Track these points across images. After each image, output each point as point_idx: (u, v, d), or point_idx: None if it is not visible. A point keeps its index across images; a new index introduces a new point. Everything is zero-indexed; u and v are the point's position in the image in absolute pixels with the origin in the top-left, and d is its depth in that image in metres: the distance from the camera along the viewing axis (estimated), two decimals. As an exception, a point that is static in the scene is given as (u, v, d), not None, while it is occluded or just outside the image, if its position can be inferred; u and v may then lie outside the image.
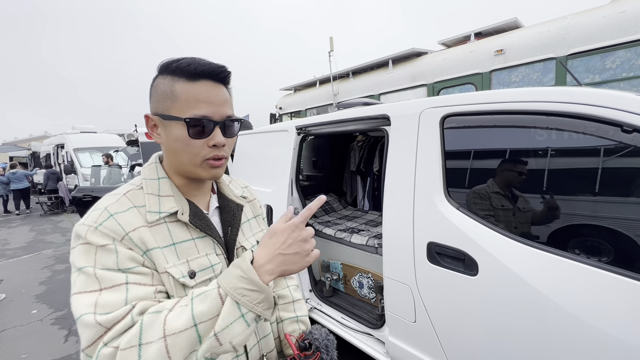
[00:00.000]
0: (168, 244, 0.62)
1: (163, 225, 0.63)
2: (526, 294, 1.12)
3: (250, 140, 2.79)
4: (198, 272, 0.63)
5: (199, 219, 0.67)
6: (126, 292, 0.54)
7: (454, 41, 4.99)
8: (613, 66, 3.22)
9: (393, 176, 1.58)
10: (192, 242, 0.66)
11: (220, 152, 0.66)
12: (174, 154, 0.65)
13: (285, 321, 0.87)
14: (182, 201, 0.67)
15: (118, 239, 0.57)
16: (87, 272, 0.54)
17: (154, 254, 0.59)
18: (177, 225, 0.65)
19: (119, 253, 0.56)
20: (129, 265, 0.56)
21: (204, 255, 0.66)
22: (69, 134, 10.90)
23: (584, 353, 1.03)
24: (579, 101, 1.06)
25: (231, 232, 0.74)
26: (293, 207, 0.66)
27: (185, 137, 0.62)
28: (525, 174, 1.26)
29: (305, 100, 7.13)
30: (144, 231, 0.60)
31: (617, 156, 1.04)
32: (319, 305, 2.30)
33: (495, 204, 1.30)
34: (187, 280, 0.61)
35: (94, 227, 0.57)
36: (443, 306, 1.39)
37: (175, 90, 0.62)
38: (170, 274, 0.59)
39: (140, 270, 0.57)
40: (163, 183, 0.67)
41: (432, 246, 1.39)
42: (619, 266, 0.99)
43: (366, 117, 1.82)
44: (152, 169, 0.69)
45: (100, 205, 0.61)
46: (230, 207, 0.77)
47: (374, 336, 1.89)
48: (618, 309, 0.97)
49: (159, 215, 0.63)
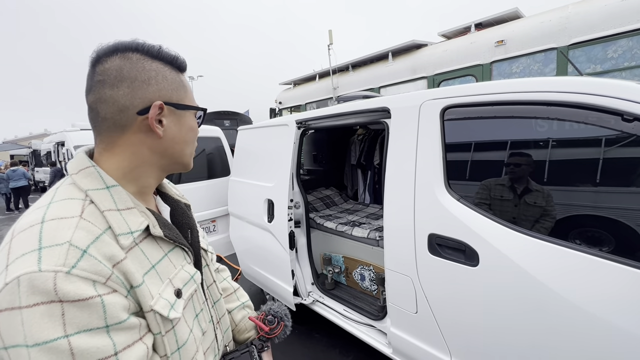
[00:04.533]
0: (148, 268, 0.52)
1: (136, 248, 0.52)
2: (526, 284, 1.13)
3: (251, 135, 2.79)
4: (183, 288, 0.58)
5: (169, 228, 0.59)
6: None
7: (454, 32, 4.95)
8: (615, 56, 3.19)
9: (394, 168, 1.58)
10: (167, 258, 0.57)
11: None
12: (184, 145, 0.61)
13: (234, 311, 0.87)
14: (145, 212, 0.57)
15: (102, 282, 0.44)
16: (57, 347, 0.39)
17: (140, 292, 0.49)
18: (148, 242, 0.55)
19: (107, 305, 0.43)
20: (122, 317, 0.45)
21: (180, 269, 0.59)
22: (69, 132, 10.88)
23: (583, 341, 1.04)
24: (580, 90, 1.05)
25: (192, 235, 0.68)
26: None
27: (196, 127, 0.64)
28: (525, 165, 1.26)
29: (304, 95, 7.10)
30: (126, 264, 0.48)
31: (618, 145, 1.04)
32: (321, 298, 2.32)
33: (495, 195, 1.30)
34: (175, 313, 0.53)
35: (65, 273, 0.41)
36: (444, 297, 1.40)
37: (182, 80, 0.61)
38: (157, 311, 0.50)
39: (130, 323, 0.47)
40: (116, 193, 0.53)
41: (433, 238, 1.40)
42: (620, 255, 0.99)
43: (366, 110, 1.82)
44: (92, 174, 0.52)
45: (56, 238, 0.43)
46: (180, 207, 0.70)
47: (376, 327, 1.91)
48: (618, 297, 0.97)
49: (132, 236, 0.51)
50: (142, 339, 0.49)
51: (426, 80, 4.75)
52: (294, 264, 2.31)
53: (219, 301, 0.74)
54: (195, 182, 3.21)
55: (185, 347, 0.56)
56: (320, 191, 3.32)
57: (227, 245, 3.19)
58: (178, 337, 0.54)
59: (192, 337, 0.58)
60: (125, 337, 0.45)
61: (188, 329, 0.57)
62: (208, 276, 0.72)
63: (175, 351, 0.54)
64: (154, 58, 0.56)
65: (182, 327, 0.56)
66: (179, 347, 0.54)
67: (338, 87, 6.09)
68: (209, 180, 3.33)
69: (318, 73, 6.86)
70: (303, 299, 2.32)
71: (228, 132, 3.57)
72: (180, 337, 0.55)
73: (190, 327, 0.58)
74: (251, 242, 2.69)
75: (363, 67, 5.90)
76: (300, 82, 7.54)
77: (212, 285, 0.73)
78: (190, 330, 0.58)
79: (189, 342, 0.57)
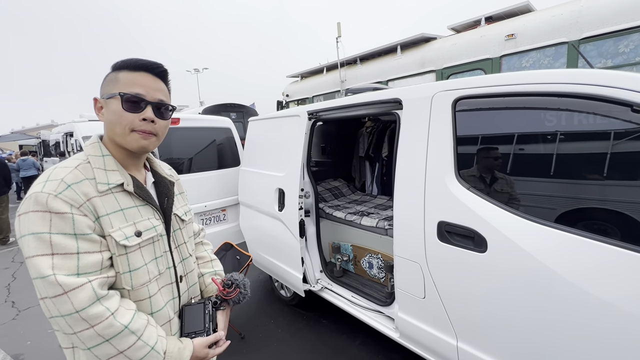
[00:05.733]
0: (116, 209, 0.76)
1: (111, 195, 0.76)
2: (534, 269, 1.17)
3: (262, 126, 2.84)
4: (144, 232, 0.79)
5: (141, 189, 0.83)
6: (77, 260, 0.67)
7: (464, 26, 4.92)
8: (626, 50, 3.17)
9: (405, 158, 1.62)
10: (136, 209, 0.80)
11: (149, 127, 0.79)
12: (111, 126, 0.78)
13: (206, 275, 1.07)
14: (126, 175, 0.80)
15: (76, 206, 0.68)
16: (42, 238, 0.65)
17: (103, 221, 0.72)
18: (123, 194, 0.79)
19: (76, 221, 0.68)
20: (85, 232, 0.69)
21: (147, 219, 0.82)
22: (78, 122, 10.99)
23: (591, 326, 1.08)
24: (590, 82, 1.08)
25: (167, 202, 0.91)
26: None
27: (119, 110, 0.76)
28: (536, 156, 1.30)
29: (312, 88, 7.11)
30: (96, 200, 0.72)
31: (628, 136, 1.07)
32: (329, 285, 2.39)
33: (508, 185, 1.34)
34: (127, 242, 0.75)
35: (54, 195, 0.66)
36: (452, 282, 1.45)
37: (118, 77, 0.78)
38: (113, 237, 0.73)
39: (91, 238, 0.70)
40: (107, 159, 0.79)
41: (442, 225, 1.44)
42: (630, 242, 1.01)
43: (378, 101, 1.85)
44: (96, 147, 0.80)
45: (56, 176, 0.70)
46: (164, 182, 0.94)
47: (384, 313, 1.97)
48: (627, 283, 1.00)
49: (108, 186, 0.75)
50: (102, 252, 0.72)
51: (435, 74, 4.74)
52: (304, 251, 2.37)
53: (187, 259, 0.95)
54: (205, 171, 3.27)
55: (137, 272, 0.77)
56: (329, 182, 3.37)
57: (237, 233, 3.26)
58: (130, 262, 0.76)
59: (145, 269, 0.79)
60: (87, 245, 0.69)
61: (142, 261, 0.79)
62: (179, 237, 0.94)
63: (127, 272, 0.76)
64: (114, 70, 0.80)
65: (136, 257, 0.77)
66: (130, 270, 0.76)
67: (346, 80, 6.10)
68: (220, 170, 3.39)
69: (325, 66, 6.86)
70: (312, 286, 2.39)
71: (234, 124, 3.61)
72: (132, 264, 0.76)
73: (146, 261, 0.79)
74: (261, 231, 2.76)
75: (371, 60, 5.90)
76: (308, 75, 7.55)
77: (182, 245, 0.94)
78: (145, 264, 0.79)
79: (141, 271, 0.78)
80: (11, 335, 2.74)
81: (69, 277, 0.65)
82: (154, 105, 0.80)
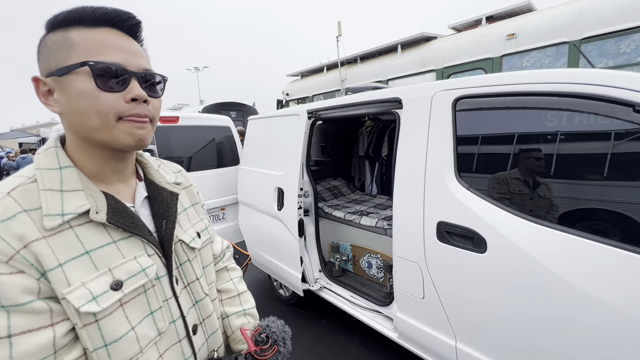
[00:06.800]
0: (78, 254, 0.49)
1: (68, 231, 0.49)
2: (533, 270, 1.17)
3: (261, 124, 2.83)
4: (126, 281, 0.52)
5: (121, 215, 0.54)
6: (9, 347, 0.42)
7: (465, 25, 4.91)
8: (628, 50, 3.16)
9: (405, 157, 1.61)
10: (114, 246, 0.53)
11: (143, 110, 0.54)
12: (80, 117, 0.51)
13: (232, 316, 0.79)
14: (96, 195, 0.53)
15: (4, 260, 0.43)
16: None
17: (53, 276, 0.46)
18: (90, 227, 0.51)
19: (4, 285, 0.43)
20: (19, 300, 0.43)
21: (132, 259, 0.54)
22: (78, 120, 11.02)
23: (589, 326, 1.07)
24: (591, 82, 1.07)
25: (166, 226, 0.62)
26: None
27: (92, 90, 0.49)
28: (536, 156, 1.29)
29: (312, 87, 7.10)
30: (39, 245, 0.46)
31: (630, 136, 1.06)
32: (328, 285, 2.38)
33: (507, 186, 1.33)
34: (95, 306, 0.48)
35: None
36: (451, 282, 1.44)
37: (70, 37, 0.50)
38: (69, 301, 0.46)
39: (34, 307, 0.44)
40: (67, 173, 0.52)
41: (442, 225, 1.44)
42: (629, 243, 1.01)
43: (378, 101, 1.84)
44: (51, 155, 0.53)
45: None
46: (162, 196, 0.65)
47: (383, 313, 1.96)
48: (625, 284, 1.00)
49: (62, 218, 0.48)
50: (55, 325, 0.46)
51: (435, 73, 4.73)
52: (303, 251, 2.36)
53: (203, 301, 0.68)
54: (204, 170, 3.27)
55: (117, 345, 0.51)
56: (328, 182, 3.36)
57: (236, 232, 3.26)
58: (104, 332, 0.50)
59: (133, 336, 0.53)
60: (25, 321, 0.44)
61: (127, 326, 0.52)
62: (189, 272, 0.66)
63: (101, 348, 0.49)
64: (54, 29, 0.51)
65: (116, 322, 0.51)
66: (106, 343, 0.50)
67: (346, 79, 6.09)
68: (219, 169, 3.38)
69: (325, 65, 6.85)
70: (311, 285, 2.39)
71: (234, 123, 3.61)
72: (110, 333, 0.50)
73: (133, 324, 0.53)
74: (260, 230, 2.75)
75: (371, 60, 5.89)
76: (308, 73, 7.54)
77: (194, 282, 0.67)
78: (132, 328, 0.53)
79: (125, 341, 0.51)
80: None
81: None
82: (140, 78, 0.54)
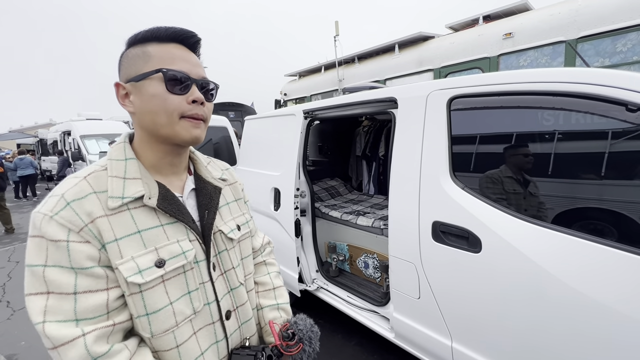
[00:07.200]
0: (131, 232, 0.58)
1: (126, 212, 0.58)
2: (527, 269, 1.16)
3: (258, 125, 2.82)
4: (168, 260, 0.60)
5: (169, 203, 0.63)
6: (74, 302, 0.52)
7: (462, 25, 4.91)
8: (624, 49, 3.16)
9: (400, 157, 1.61)
10: (161, 229, 0.61)
11: (200, 111, 0.63)
12: (151, 115, 0.60)
13: (266, 308, 0.85)
14: (151, 184, 0.62)
15: (75, 230, 0.53)
16: (36, 272, 0.52)
17: (110, 249, 0.55)
18: (144, 211, 0.60)
19: (73, 251, 0.52)
20: (85, 265, 0.53)
21: (175, 242, 0.62)
22: (75, 121, 10.97)
23: (583, 325, 1.07)
24: (585, 81, 1.07)
25: (208, 216, 0.70)
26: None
27: (162, 92, 0.59)
28: (531, 156, 1.29)
29: (310, 86, 7.09)
30: (102, 222, 0.55)
31: (623, 136, 1.06)
32: (325, 285, 2.38)
33: (502, 186, 1.33)
34: (140, 278, 0.56)
35: (49, 217, 0.52)
36: (447, 282, 1.44)
37: (147, 50, 0.61)
38: (120, 271, 0.55)
39: (94, 272, 0.54)
40: (130, 164, 0.62)
41: (437, 225, 1.43)
42: (623, 243, 1.01)
43: (373, 100, 1.84)
44: (120, 149, 0.64)
45: (58, 190, 0.56)
46: (207, 189, 0.73)
47: (379, 313, 1.96)
48: (619, 283, 1.00)
49: (122, 200, 0.58)
50: (109, 290, 0.55)
51: (432, 73, 4.73)
52: (299, 251, 2.36)
53: (237, 289, 0.74)
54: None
55: (157, 316, 0.58)
56: (325, 182, 3.36)
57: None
58: (147, 302, 0.57)
59: (170, 310, 0.60)
60: (87, 282, 0.53)
61: (166, 300, 0.59)
62: (226, 261, 0.72)
63: (143, 316, 0.57)
64: (133, 45, 0.63)
65: (157, 295, 0.58)
66: (148, 313, 0.57)
67: (344, 79, 6.08)
68: (216, 169, 3.38)
69: (323, 65, 6.84)
70: (307, 286, 2.38)
71: (233, 123, 3.60)
72: (150, 305, 0.58)
73: (172, 299, 0.60)
74: (257, 230, 2.74)
75: (369, 59, 5.88)
76: (306, 73, 7.53)
77: (230, 271, 0.73)
78: (170, 303, 0.60)
79: (163, 313, 0.59)
80: (5, 335, 2.73)
81: (61, 326, 0.50)
82: (199, 84, 0.64)
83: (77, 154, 9.57)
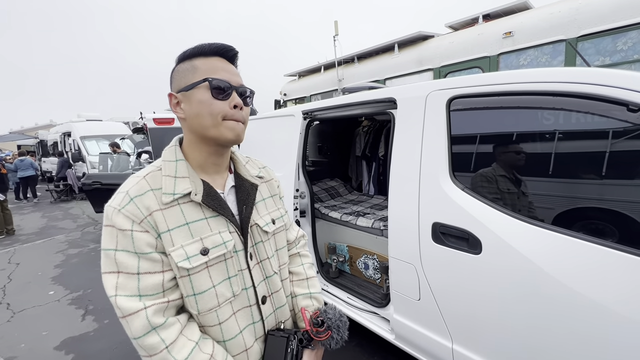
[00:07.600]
0: (181, 224, 0.67)
1: (177, 206, 0.68)
2: (527, 270, 1.16)
3: (257, 125, 2.81)
4: (211, 249, 0.69)
5: (212, 198, 0.72)
6: (137, 281, 0.63)
7: (462, 24, 4.89)
8: (625, 48, 3.15)
9: (399, 158, 1.60)
10: (205, 221, 0.70)
11: (240, 113, 0.72)
12: (198, 119, 0.69)
13: (299, 296, 0.92)
14: (197, 182, 0.71)
15: (137, 221, 0.64)
16: (109, 255, 0.63)
17: (164, 238, 0.65)
18: (191, 205, 0.70)
19: (136, 238, 0.63)
20: (145, 250, 0.63)
21: (217, 233, 0.71)
22: (75, 122, 10.98)
23: (581, 326, 1.07)
24: (585, 81, 1.06)
25: (245, 211, 0.78)
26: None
27: (208, 98, 0.68)
28: (531, 156, 1.28)
29: (309, 86, 7.08)
30: (158, 215, 0.66)
31: (624, 136, 1.05)
32: (325, 286, 2.37)
33: (501, 186, 1.32)
34: (187, 263, 0.66)
35: (118, 210, 0.64)
36: (447, 284, 1.43)
37: (194, 64, 0.70)
38: (172, 257, 0.65)
39: (152, 257, 0.64)
40: (180, 165, 0.72)
41: (437, 226, 1.43)
42: (623, 244, 1.00)
43: (373, 101, 1.83)
44: (172, 151, 0.74)
45: (124, 188, 0.67)
46: (245, 186, 0.81)
47: (379, 314, 1.95)
48: (618, 284, 0.99)
49: (173, 196, 0.67)
50: (164, 272, 0.65)
51: (432, 72, 4.72)
52: (299, 252, 2.35)
53: (272, 277, 0.82)
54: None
55: (202, 296, 0.68)
56: (325, 182, 3.35)
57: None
58: (194, 285, 0.67)
59: (213, 292, 0.69)
60: (147, 265, 0.64)
61: (209, 283, 0.69)
62: (262, 251, 0.80)
63: (191, 295, 0.67)
64: (182, 60, 0.72)
65: (202, 279, 0.68)
66: (195, 293, 0.67)
67: (343, 78, 6.07)
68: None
69: (323, 65, 6.83)
70: (308, 287, 2.37)
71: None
72: (197, 286, 0.67)
73: (214, 283, 0.69)
74: (257, 231, 2.73)
75: (369, 59, 5.87)
76: (305, 73, 7.52)
77: (265, 260, 0.81)
78: (214, 286, 0.69)
79: (208, 295, 0.68)
80: (5, 337, 2.72)
81: (128, 299, 0.61)
82: (238, 91, 0.72)
83: (77, 155, 9.57)
